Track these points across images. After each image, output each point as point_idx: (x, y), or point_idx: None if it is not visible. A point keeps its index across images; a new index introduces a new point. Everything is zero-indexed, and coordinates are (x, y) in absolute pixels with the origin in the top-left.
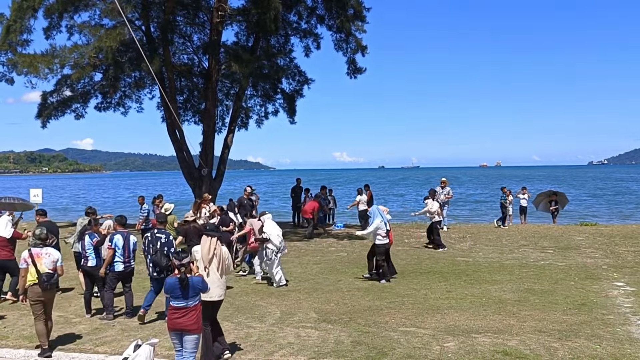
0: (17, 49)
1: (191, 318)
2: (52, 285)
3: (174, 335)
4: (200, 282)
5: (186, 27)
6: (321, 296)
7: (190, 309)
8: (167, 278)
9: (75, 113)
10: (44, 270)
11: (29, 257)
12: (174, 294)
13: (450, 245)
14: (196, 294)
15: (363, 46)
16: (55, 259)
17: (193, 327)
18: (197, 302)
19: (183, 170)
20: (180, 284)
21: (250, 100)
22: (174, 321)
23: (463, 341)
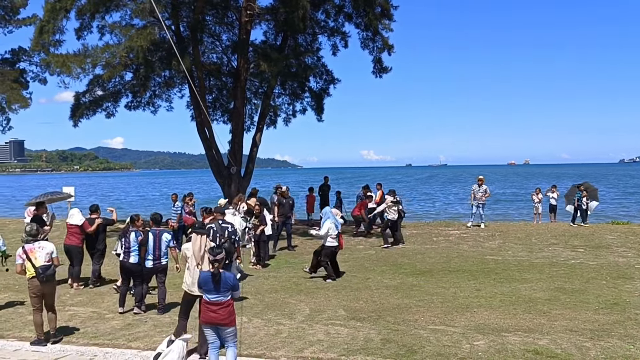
0: (50, 50)
1: (224, 313)
2: (49, 277)
3: (209, 328)
4: (232, 278)
5: (215, 27)
6: (350, 294)
7: (223, 304)
8: (201, 272)
9: (106, 112)
10: (39, 263)
11: (23, 253)
12: (207, 288)
13: (479, 243)
14: (228, 289)
15: (389, 45)
16: (49, 251)
17: (227, 321)
18: (229, 297)
19: (212, 168)
20: (213, 279)
21: (279, 99)
22: (208, 315)
23: (493, 340)
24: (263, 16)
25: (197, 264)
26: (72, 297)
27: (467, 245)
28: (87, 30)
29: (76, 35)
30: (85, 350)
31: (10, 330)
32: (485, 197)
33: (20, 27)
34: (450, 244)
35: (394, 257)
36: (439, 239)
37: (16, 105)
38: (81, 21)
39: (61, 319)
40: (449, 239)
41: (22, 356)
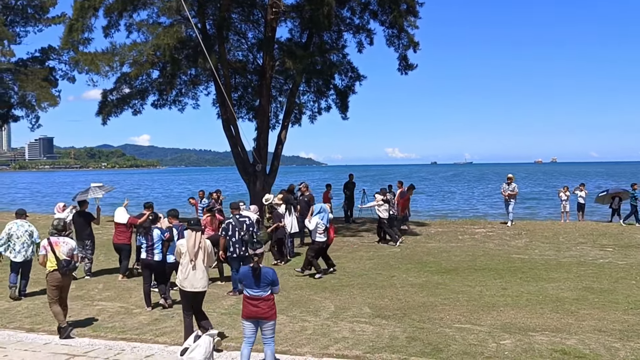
0: (79, 48)
1: (265, 306)
2: (69, 271)
3: (248, 322)
4: (271, 273)
5: (241, 25)
6: (375, 291)
7: (264, 298)
8: (241, 267)
9: (133, 109)
10: (61, 257)
11: (48, 245)
12: (247, 283)
13: (505, 242)
14: (267, 283)
15: (415, 42)
16: (72, 247)
17: (267, 314)
18: (269, 291)
19: (238, 165)
20: (253, 273)
21: (304, 97)
22: (249, 310)
23: (520, 339)
24: (288, 14)
25: (191, 259)
26: (100, 292)
27: (493, 244)
28: (115, 29)
29: (104, 34)
30: (113, 345)
31: (40, 324)
32: (514, 195)
33: (50, 25)
34: (475, 242)
35: (419, 255)
36: (464, 237)
37: (45, 104)
38: (109, 19)
39: (89, 313)
40: (475, 237)
41: (52, 349)
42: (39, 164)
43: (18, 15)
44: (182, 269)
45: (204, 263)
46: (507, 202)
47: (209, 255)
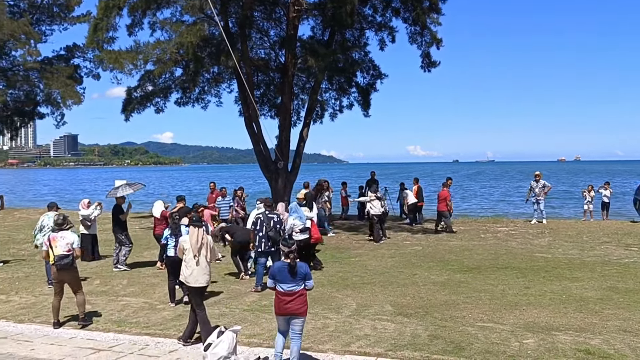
0: (103, 46)
1: (299, 302)
2: (64, 266)
3: (282, 319)
4: (304, 267)
5: (263, 23)
6: (397, 289)
7: (297, 293)
8: (274, 263)
9: (156, 107)
10: (58, 252)
11: (47, 241)
12: (281, 278)
13: (527, 240)
14: (301, 278)
15: (438, 39)
16: (69, 241)
17: (300, 310)
18: (302, 286)
19: (260, 163)
20: (290, 270)
21: (326, 94)
22: (283, 306)
23: (543, 338)
24: (311, 12)
25: (195, 255)
26: (125, 288)
27: (516, 242)
28: (139, 27)
29: (128, 32)
30: (138, 340)
31: (66, 318)
32: (546, 192)
33: (75, 24)
34: (498, 240)
35: (441, 253)
36: (486, 235)
37: (70, 101)
38: (133, 18)
39: (114, 308)
40: (497, 236)
41: (77, 344)
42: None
43: (44, 14)
44: (186, 265)
45: (207, 259)
46: (537, 201)
47: (211, 251)
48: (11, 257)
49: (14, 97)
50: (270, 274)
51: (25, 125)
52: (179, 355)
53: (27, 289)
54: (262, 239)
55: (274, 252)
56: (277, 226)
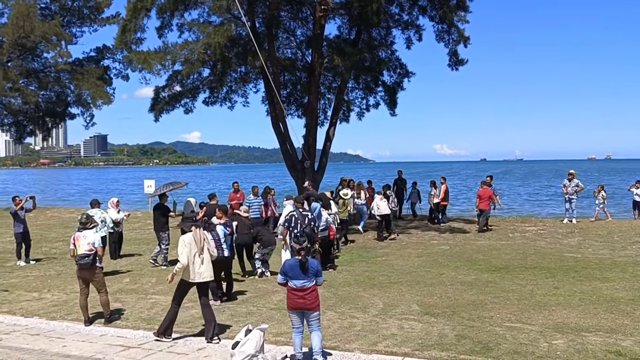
0: (132, 47)
1: (311, 297)
2: (84, 265)
3: (295, 314)
4: (315, 264)
5: (290, 22)
6: (424, 289)
7: (309, 289)
8: (285, 261)
9: (184, 108)
10: (80, 251)
11: (72, 239)
12: (293, 275)
13: (557, 240)
14: (313, 274)
15: (465, 37)
16: (90, 241)
17: (312, 305)
18: (314, 282)
19: (286, 162)
20: (301, 266)
21: (352, 93)
22: (295, 301)
23: (572, 339)
24: (337, 11)
25: (200, 253)
26: (154, 286)
27: (545, 242)
28: (167, 28)
29: (157, 34)
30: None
31: (94, 315)
32: (579, 192)
33: (105, 25)
34: (526, 240)
35: (469, 252)
36: (515, 234)
37: (100, 102)
38: (161, 19)
39: (143, 306)
40: (526, 235)
41: (108, 341)
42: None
43: (74, 16)
44: (191, 263)
45: (209, 256)
46: (570, 199)
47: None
48: (43, 256)
49: (46, 98)
50: (281, 271)
51: (57, 125)
52: (207, 353)
53: (59, 286)
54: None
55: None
56: (312, 223)
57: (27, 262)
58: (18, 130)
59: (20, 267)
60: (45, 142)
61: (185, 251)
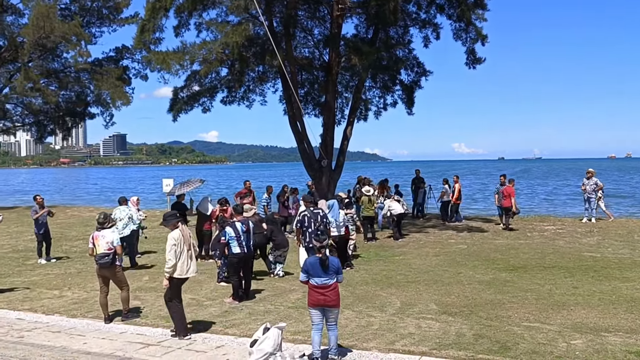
0: (151, 47)
1: (333, 294)
2: (104, 264)
3: (315, 310)
4: (336, 262)
5: (307, 21)
6: (441, 288)
7: (331, 287)
8: (307, 258)
9: (202, 107)
10: (99, 250)
11: (92, 239)
12: (314, 272)
13: (575, 239)
14: (334, 272)
15: (483, 35)
16: (109, 240)
17: (334, 302)
18: (334, 280)
19: (304, 161)
20: (322, 264)
21: (369, 92)
22: (316, 298)
23: (591, 339)
24: (354, 10)
25: (188, 249)
26: None
27: (563, 241)
28: (185, 28)
29: (175, 33)
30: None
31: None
32: (598, 190)
33: (124, 25)
34: (545, 239)
35: (486, 251)
36: (533, 234)
37: (119, 102)
38: (179, 19)
39: (162, 304)
40: (544, 235)
41: (128, 338)
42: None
43: (94, 16)
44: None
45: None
46: (588, 199)
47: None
48: (63, 254)
49: (66, 98)
50: (303, 269)
51: (76, 125)
52: (226, 351)
53: (79, 284)
54: (311, 234)
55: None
56: (325, 220)
57: (47, 260)
58: (39, 130)
59: (41, 265)
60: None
61: (175, 249)
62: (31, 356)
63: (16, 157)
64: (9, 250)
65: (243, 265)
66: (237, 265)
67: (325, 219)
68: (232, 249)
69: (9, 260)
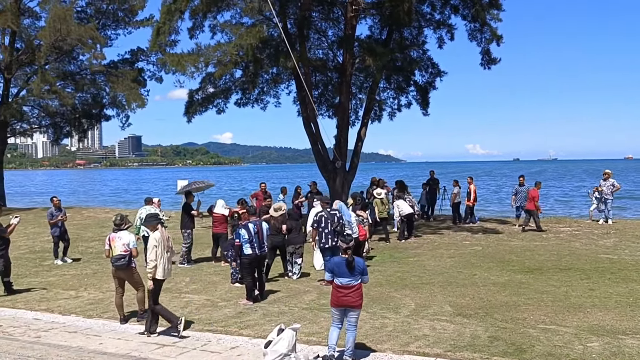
0: (166, 49)
1: (356, 295)
2: (120, 266)
3: (337, 310)
4: (362, 262)
5: (321, 23)
6: (456, 290)
7: (355, 287)
8: (332, 257)
9: (217, 108)
10: (115, 252)
11: (108, 240)
12: (339, 272)
13: (592, 241)
14: (359, 272)
15: (498, 36)
16: (125, 242)
17: (357, 303)
18: (359, 280)
19: (318, 162)
20: (347, 265)
21: (384, 93)
22: (340, 298)
23: (608, 342)
24: (368, 11)
25: (167, 250)
26: (187, 285)
27: (580, 243)
28: (200, 30)
29: (189, 35)
30: (200, 336)
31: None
32: (615, 192)
33: (139, 28)
34: (561, 241)
35: (502, 253)
36: (549, 235)
37: (134, 104)
38: (194, 21)
39: (177, 305)
40: (560, 236)
41: (143, 339)
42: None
43: (109, 18)
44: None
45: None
46: (604, 200)
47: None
48: (80, 255)
49: (82, 100)
50: (328, 269)
51: (92, 127)
52: (240, 352)
53: (95, 285)
54: (328, 235)
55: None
56: (341, 221)
57: (63, 261)
58: (55, 132)
59: (57, 266)
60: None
61: (156, 250)
62: (48, 356)
63: (33, 159)
64: (26, 251)
65: (256, 266)
66: (249, 266)
67: (341, 220)
68: (244, 250)
69: (26, 261)
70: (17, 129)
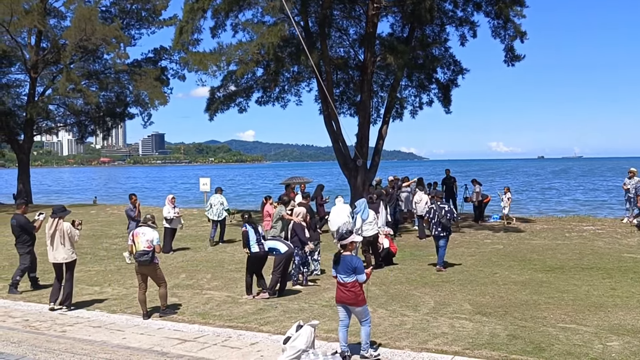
0: (189, 48)
1: (350, 294)
2: (143, 262)
3: (339, 307)
4: (354, 260)
5: (342, 21)
6: (476, 288)
7: (349, 285)
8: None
9: (238, 107)
10: (139, 248)
11: (131, 236)
12: (334, 268)
13: (615, 240)
14: (350, 270)
15: (522, 32)
16: (149, 238)
17: (352, 301)
18: (353, 279)
19: (339, 160)
20: (333, 260)
21: (405, 91)
22: (338, 294)
23: (629, 341)
24: (390, 9)
25: (51, 240)
26: (209, 282)
27: (603, 242)
28: (222, 29)
29: (211, 34)
30: (221, 332)
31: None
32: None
33: (162, 27)
34: (583, 240)
35: (523, 252)
36: (571, 234)
37: (157, 102)
38: (216, 20)
39: (199, 301)
40: (583, 235)
41: (165, 334)
42: (151, 159)
43: (133, 18)
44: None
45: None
46: (629, 199)
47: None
48: (104, 251)
49: (106, 99)
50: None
51: (116, 125)
52: (260, 348)
53: (119, 281)
54: (434, 225)
55: (446, 237)
56: (448, 215)
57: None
58: (80, 130)
59: (83, 262)
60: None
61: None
62: (73, 349)
63: (58, 157)
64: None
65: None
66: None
67: (449, 214)
68: (251, 247)
69: None
70: (42, 127)
